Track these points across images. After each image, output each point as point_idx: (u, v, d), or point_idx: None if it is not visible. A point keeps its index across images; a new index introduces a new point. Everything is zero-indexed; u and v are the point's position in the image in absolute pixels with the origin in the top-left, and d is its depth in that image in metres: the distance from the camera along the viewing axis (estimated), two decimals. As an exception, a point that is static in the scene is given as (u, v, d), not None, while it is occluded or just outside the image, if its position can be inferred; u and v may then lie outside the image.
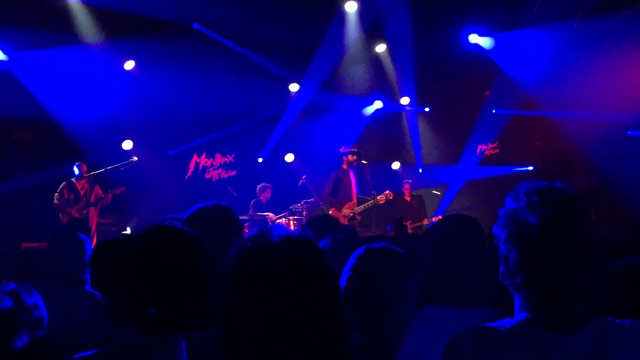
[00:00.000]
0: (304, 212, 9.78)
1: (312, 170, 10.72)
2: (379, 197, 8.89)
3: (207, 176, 12.14)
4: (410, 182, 11.01)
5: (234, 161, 12.39)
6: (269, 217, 9.61)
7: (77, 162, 9.03)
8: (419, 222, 10.49)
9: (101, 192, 9.12)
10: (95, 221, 8.97)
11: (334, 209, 8.81)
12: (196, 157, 12.05)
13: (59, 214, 8.79)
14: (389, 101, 12.23)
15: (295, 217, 9.72)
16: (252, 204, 10.00)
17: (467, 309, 2.01)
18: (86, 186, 9.05)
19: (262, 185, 10.18)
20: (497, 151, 12.04)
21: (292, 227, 8.84)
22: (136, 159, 9.68)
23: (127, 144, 10.49)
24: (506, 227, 1.49)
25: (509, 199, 1.53)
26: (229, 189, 10.53)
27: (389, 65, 11.80)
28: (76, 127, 9.67)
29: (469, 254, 2.04)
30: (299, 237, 1.26)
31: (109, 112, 10.09)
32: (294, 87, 11.59)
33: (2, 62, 8.99)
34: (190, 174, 11.98)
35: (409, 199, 10.95)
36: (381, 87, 12.20)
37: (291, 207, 9.93)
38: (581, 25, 9.42)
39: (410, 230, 10.06)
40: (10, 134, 9.88)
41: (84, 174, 9.02)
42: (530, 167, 11.36)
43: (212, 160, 12.24)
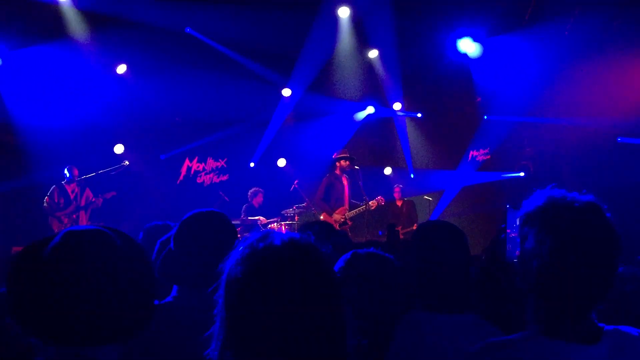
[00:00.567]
0: (296, 217, 9.76)
1: (304, 175, 10.72)
2: (371, 203, 8.90)
3: (199, 180, 12.10)
4: (401, 186, 11.03)
5: (225, 166, 12.37)
6: (261, 220, 9.58)
7: (68, 166, 8.97)
8: (410, 228, 10.50)
9: (92, 196, 9.07)
10: (85, 225, 8.91)
11: (325, 214, 8.81)
12: (188, 162, 12.02)
13: (49, 217, 8.74)
14: (381, 106, 12.25)
15: (287, 222, 9.71)
16: (243, 208, 9.97)
17: (451, 314, 2.02)
18: (77, 190, 9.00)
19: (254, 189, 10.15)
20: (489, 157, 12.07)
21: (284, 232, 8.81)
22: (127, 163, 9.65)
23: (119, 148, 10.45)
24: (532, 233, 1.48)
25: (529, 204, 1.53)
26: (221, 193, 10.49)
27: (380, 70, 11.83)
28: (67, 130, 9.61)
29: (450, 260, 2.06)
30: (304, 241, 1.26)
31: (101, 115, 10.05)
32: (287, 92, 11.59)
33: None
34: (182, 178, 11.94)
35: (400, 203, 10.97)
36: (373, 93, 12.21)
37: (283, 212, 9.91)
38: (572, 32, 9.49)
39: (401, 235, 10.06)
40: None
41: (74, 178, 8.97)
42: (521, 173, 11.39)
43: (204, 164, 12.21)
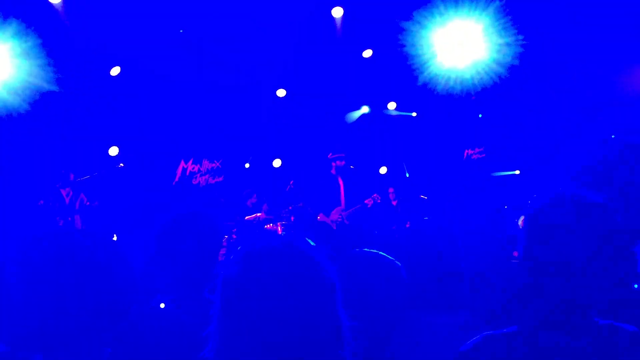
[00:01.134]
0: (292, 218, 9.75)
1: (300, 175, 10.70)
2: (367, 202, 8.91)
3: (195, 182, 12.07)
4: (395, 187, 11.03)
5: (221, 167, 12.34)
6: (255, 217, 9.55)
7: (63, 169, 8.95)
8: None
9: (86, 199, 9.04)
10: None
11: (322, 214, 8.81)
12: (183, 163, 11.98)
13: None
14: (376, 105, 12.25)
15: (283, 223, 9.68)
16: (239, 209, 9.95)
17: (446, 314, 2.02)
18: (71, 193, 8.97)
19: (249, 190, 10.13)
20: (484, 155, 12.09)
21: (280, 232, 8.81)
22: (122, 165, 9.62)
23: (114, 150, 10.42)
24: (535, 229, 1.56)
25: (535, 202, 1.59)
26: (216, 194, 10.47)
27: (375, 70, 11.82)
28: (62, 131, 9.58)
29: (446, 259, 2.05)
30: (300, 242, 1.26)
31: (95, 117, 10.01)
32: (281, 92, 11.57)
33: None
34: (177, 179, 11.90)
35: (395, 203, 10.96)
36: (368, 92, 12.22)
37: (279, 213, 9.90)
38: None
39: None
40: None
41: (69, 181, 8.94)
42: (517, 172, 11.41)
43: (199, 166, 12.18)
